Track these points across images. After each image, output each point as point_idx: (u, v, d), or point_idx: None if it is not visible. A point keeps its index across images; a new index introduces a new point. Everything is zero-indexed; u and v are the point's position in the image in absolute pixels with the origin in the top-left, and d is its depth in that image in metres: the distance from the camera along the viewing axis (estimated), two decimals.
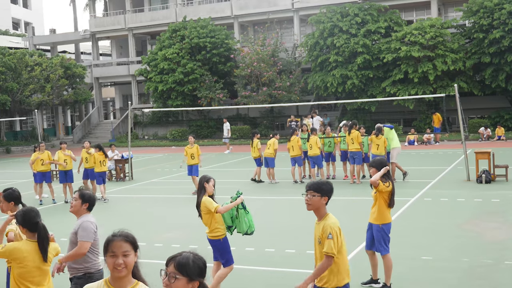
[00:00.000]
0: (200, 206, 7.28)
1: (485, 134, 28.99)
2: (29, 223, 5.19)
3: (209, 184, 7.30)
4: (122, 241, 3.64)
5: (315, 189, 5.12)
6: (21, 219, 5.22)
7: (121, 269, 3.56)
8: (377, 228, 7.46)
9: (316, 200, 5.12)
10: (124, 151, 23.04)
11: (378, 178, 7.22)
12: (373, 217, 7.54)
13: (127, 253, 3.62)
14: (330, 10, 33.78)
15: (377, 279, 7.65)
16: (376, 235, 7.47)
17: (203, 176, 7.42)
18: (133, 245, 3.71)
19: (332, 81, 32.75)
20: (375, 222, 7.50)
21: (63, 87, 42.07)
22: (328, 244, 4.99)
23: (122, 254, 3.60)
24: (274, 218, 12.67)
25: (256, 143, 18.02)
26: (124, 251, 3.61)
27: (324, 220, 5.14)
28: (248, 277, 8.40)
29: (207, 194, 7.28)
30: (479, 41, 30.68)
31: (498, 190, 14.41)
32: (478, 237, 9.92)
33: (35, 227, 5.16)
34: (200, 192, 7.31)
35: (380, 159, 7.61)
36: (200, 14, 40.29)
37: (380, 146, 16.20)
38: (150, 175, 21.58)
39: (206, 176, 7.43)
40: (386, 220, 7.48)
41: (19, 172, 25.45)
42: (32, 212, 5.27)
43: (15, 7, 67.06)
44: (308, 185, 5.14)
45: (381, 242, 7.42)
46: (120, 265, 3.57)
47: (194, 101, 37.63)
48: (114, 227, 4.74)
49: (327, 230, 5.02)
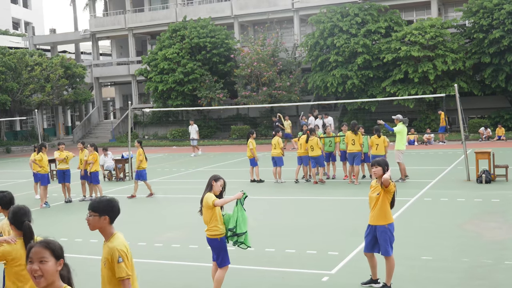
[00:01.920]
0: (203, 202, 7.31)
1: (485, 134, 28.99)
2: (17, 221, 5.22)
3: (216, 183, 7.31)
4: (41, 248, 3.59)
5: (92, 209, 4.73)
6: (10, 217, 5.28)
7: (37, 277, 3.51)
8: (382, 229, 7.35)
9: (95, 221, 4.70)
10: (124, 151, 23.04)
11: (390, 177, 7.20)
12: (376, 219, 7.41)
13: (44, 260, 3.55)
14: (330, 10, 33.78)
15: (377, 279, 7.64)
16: (382, 236, 7.35)
17: (213, 175, 7.45)
18: (53, 252, 3.62)
19: (332, 81, 32.75)
20: (380, 223, 7.38)
21: (63, 87, 42.07)
22: (120, 269, 4.68)
23: (39, 261, 3.54)
24: (274, 218, 12.67)
25: (249, 143, 17.93)
26: (41, 257, 3.55)
27: (110, 242, 4.77)
28: (248, 277, 8.40)
29: (212, 192, 7.29)
30: (479, 41, 30.68)
31: (498, 190, 14.41)
32: (478, 237, 9.92)
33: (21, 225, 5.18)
34: (206, 189, 7.34)
35: (384, 159, 7.60)
36: (200, 14, 40.30)
37: (380, 146, 16.21)
38: (150, 175, 21.53)
39: (216, 175, 7.45)
40: (391, 219, 7.45)
41: (19, 172, 25.46)
42: (20, 210, 5.29)
43: (15, 7, 67.06)
44: (89, 204, 4.85)
45: (387, 242, 7.36)
46: (35, 271, 3.52)
47: (194, 101, 37.63)
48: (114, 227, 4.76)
49: (116, 254, 4.68)
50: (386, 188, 7.26)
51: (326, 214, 12.85)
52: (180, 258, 9.58)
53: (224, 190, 7.44)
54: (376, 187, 7.48)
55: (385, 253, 7.38)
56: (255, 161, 17.88)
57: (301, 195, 15.47)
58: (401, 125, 16.66)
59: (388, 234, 7.36)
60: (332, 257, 9.10)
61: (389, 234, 7.36)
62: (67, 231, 12.30)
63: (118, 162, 20.89)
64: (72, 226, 12.90)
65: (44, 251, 3.59)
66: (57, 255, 3.64)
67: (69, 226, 12.94)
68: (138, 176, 16.49)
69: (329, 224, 11.72)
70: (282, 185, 17.29)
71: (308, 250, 9.60)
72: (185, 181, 19.57)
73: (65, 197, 16.37)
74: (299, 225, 11.59)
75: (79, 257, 9.96)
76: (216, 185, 7.29)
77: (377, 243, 7.47)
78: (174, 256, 9.69)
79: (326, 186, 16.70)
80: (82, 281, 8.66)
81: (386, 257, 7.40)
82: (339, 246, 9.73)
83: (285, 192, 16.09)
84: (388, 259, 7.40)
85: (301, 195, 15.46)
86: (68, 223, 13.43)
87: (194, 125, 29.52)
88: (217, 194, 7.32)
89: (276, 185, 17.40)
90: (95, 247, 10.67)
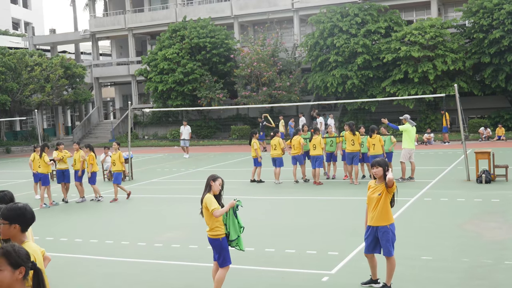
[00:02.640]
0: (202, 203, 7.31)
1: (485, 134, 28.99)
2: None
3: (215, 183, 7.29)
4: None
5: (2, 216, 4.43)
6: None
7: None
8: (384, 230, 7.30)
9: (6, 229, 4.40)
10: (124, 151, 23.03)
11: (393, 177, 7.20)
12: (377, 220, 7.33)
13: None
14: (330, 10, 33.79)
15: (377, 279, 7.64)
16: (384, 237, 7.30)
17: (211, 175, 7.43)
18: (9, 261, 3.42)
19: (332, 81, 32.75)
20: (381, 224, 7.32)
21: (63, 87, 42.08)
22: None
23: None
24: (274, 218, 12.67)
25: (253, 142, 17.99)
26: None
27: None
28: (248, 277, 8.40)
29: (212, 192, 7.29)
30: (479, 41, 30.69)
31: (498, 190, 14.41)
32: (478, 237, 9.92)
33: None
34: (205, 189, 7.34)
35: (384, 159, 7.57)
36: (200, 14, 40.30)
37: (376, 145, 16.18)
38: (150, 175, 21.58)
39: (214, 175, 7.42)
40: (392, 220, 7.41)
41: (19, 172, 25.46)
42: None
43: (15, 7, 67.06)
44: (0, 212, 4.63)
45: (390, 243, 7.32)
46: None
47: (194, 101, 37.63)
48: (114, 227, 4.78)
49: None
50: (390, 188, 7.23)
51: (326, 214, 12.85)
52: (180, 258, 9.57)
53: (222, 189, 7.44)
54: (376, 187, 7.40)
55: (387, 254, 7.35)
56: (259, 161, 17.92)
57: (301, 195, 15.46)
58: (408, 124, 16.64)
59: (390, 234, 7.33)
60: (332, 257, 9.10)
61: (391, 234, 7.33)
62: (67, 231, 12.30)
63: None
64: (72, 226, 12.89)
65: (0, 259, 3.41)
66: (14, 263, 3.42)
67: (69, 226, 12.94)
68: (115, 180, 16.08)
69: (329, 224, 11.72)
70: (282, 185, 17.28)
71: (308, 250, 9.60)
72: (185, 181, 19.56)
73: (65, 197, 16.39)
74: (299, 225, 11.59)
75: (79, 257, 9.96)
76: (215, 185, 7.29)
77: (378, 244, 7.42)
78: (174, 256, 9.68)
79: (326, 186, 16.69)
80: (82, 281, 8.66)
81: (387, 258, 7.38)
82: (339, 246, 9.73)
83: (285, 192, 16.08)
84: (390, 260, 7.38)
85: (301, 195, 15.45)
86: (68, 223, 13.43)
87: (187, 126, 28.90)
88: (217, 193, 7.32)
89: (276, 185, 17.40)
90: (95, 247, 10.67)
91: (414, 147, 16.76)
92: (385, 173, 7.24)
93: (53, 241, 11.26)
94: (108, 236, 11.38)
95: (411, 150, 16.58)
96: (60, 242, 11.19)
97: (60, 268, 9.29)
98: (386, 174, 7.21)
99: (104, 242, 10.97)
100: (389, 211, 7.35)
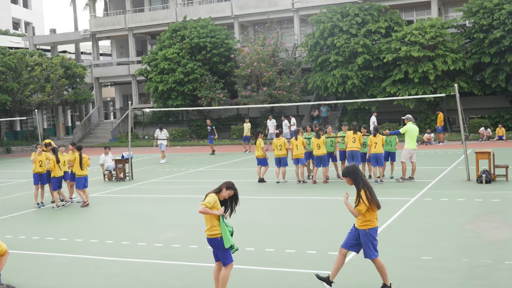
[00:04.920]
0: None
1: (485, 134, 28.98)
2: None
3: (226, 191, 7.31)
4: None
5: None
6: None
7: None
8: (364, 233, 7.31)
9: None
10: (124, 151, 23.03)
11: (355, 211, 7.21)
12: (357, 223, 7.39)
13: None
14: (330, 10, 33.79)
15: (332, 282, 7.52)
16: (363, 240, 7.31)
17: (228, 182, 7.43)
18: None
19: (332, 81, 32.75)
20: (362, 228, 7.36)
21: (63, 87, 42.09)
22: None
23: None
24: (274, 218, 12.66)
25: (259, 142, 18.05)
26: None
27: None
28: (248, 277, 8.39)
29: (218, 196, 7.30)
30: (479, 41, 30.69)
31: (498, 190, 14.40)
32: (478, 237, 9.91)
33: None
34: (214, 189, 7.35)
35: (354, 165, 7.53)
36: (200, 14, 40.31)
37: (378, 144, 16.21)
38: (150, 175, 21.57)
39: (231, 184, 7.41)
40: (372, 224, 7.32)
41: (19, 172, 25.46)
42: None
43: (15, 7, 67.08)
44: None
45: (369, 246, 7.27)
46: None
47: (194, 101, 37.64)
48: (114, 227, 4.77)
49: None
50: (360, 215, 7.26)
51: (326, 214, 12.84)
52: (180, 258, 9.57)
53: (235, 204, 7.44)
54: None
55: (367, 256, 7.33)
56: (266, 161, 17.98)
57: (301, 195, 15.45)
58: (410, 124, 16.65)
59: (370, 237, 7.28)
60: (332, 257, 9.07)
61: (370, 238, 7.28)
62: (68, 231, 12.30)
63: (118, 162, 20.89)
64: (72, 226, 12.89)
65: None
66: None
67: (69, 226, 12.94)
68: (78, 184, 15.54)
69: (329, 224, 11.71)
70: (283, 185, 17.28)
71: (308, 250, 9.59)
72: (185, 181, 19.56)
73: (71, 197, 16.21)
74: (299, 225, 11.59)
75: (79, 257, 9.95)
76: (225, 192, 7.31)
77: (359, 245, 7.43)
78: (174, 256, 9.68)
79: (326, 186, 16.69)
80: (82, 281, 8.66)
81: (372, 260, 7.37)
82: (339, 246, 9.70)
83: (285, 192, 16.08)
84: (374, 262, 7.35)
85: (301, 195, 15.45)
86: (69, 223, 13.42)
87: (164, 130, 27.30)
88: (221, 199, 7.35)
89: (276, 185, 17.40)
90: (95, 247, 10.67)
91: (415, 147, 16.76)
92: (352, 182, 7.32)
93: (53, 241, 11.27)
94: (108, 236, 11.38)
95: (412, 150, 16.59)
96: (60, 242, 11.19)
97: (60, 268, 9.29)
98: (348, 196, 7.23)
99: (104, 242, 10.96)
100: (366, 216, 7.29)
